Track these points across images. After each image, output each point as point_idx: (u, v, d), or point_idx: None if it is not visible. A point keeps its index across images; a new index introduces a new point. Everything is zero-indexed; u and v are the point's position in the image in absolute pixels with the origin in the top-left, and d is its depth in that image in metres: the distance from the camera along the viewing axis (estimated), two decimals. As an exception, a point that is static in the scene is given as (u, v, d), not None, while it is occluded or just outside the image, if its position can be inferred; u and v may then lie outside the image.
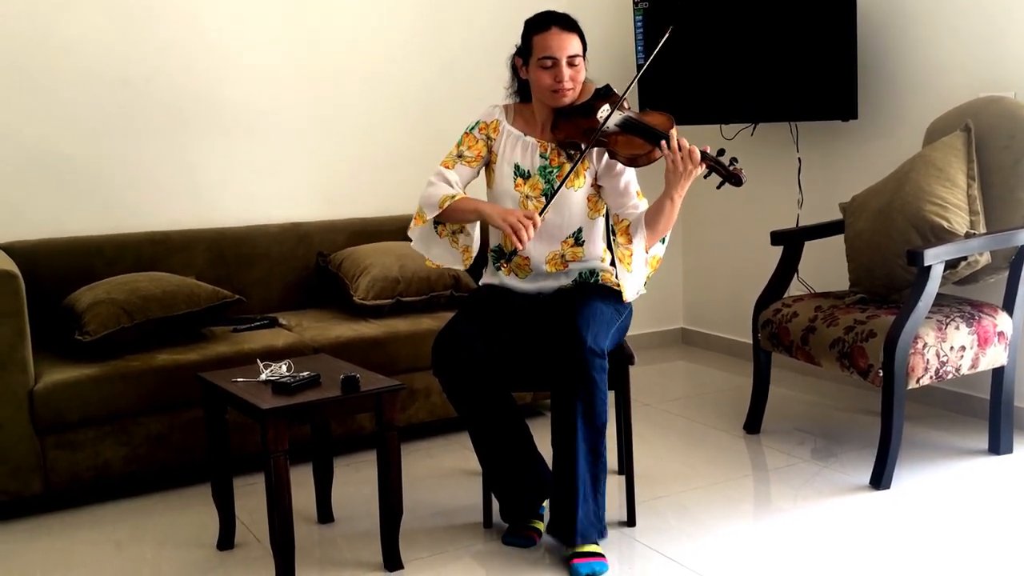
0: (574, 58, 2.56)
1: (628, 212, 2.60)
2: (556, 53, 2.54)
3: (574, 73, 2.57)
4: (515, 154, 2.65)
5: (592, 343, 2.41)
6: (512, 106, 2.73)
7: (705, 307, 4.78)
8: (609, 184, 2.63)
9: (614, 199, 2.63)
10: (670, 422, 3.65)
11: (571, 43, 2.55)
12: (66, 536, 2.74)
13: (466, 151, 2.67)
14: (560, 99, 2.58)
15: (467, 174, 2.67)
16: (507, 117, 2.70)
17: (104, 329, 2.95)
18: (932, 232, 2.97)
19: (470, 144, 2.68)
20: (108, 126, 3.52)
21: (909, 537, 2.60)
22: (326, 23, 3.90)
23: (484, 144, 2.68)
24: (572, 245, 2.66)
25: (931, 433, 3.41)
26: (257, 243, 3.67)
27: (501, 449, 2.60)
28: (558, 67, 2.54)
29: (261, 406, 2.28)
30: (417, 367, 3.31)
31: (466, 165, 2.66)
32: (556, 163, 2.63)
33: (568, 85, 2.56)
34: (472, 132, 2.69)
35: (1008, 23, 3.33)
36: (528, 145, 2.65)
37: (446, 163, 2.66)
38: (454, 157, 2.67)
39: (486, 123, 2.70)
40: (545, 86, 2.57)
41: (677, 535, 2.65)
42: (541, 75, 2.57)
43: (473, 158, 2.67)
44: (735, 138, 4.27)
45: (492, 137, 2.68)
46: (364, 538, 2.67)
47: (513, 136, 2.66)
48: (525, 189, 2.63)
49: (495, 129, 2.68)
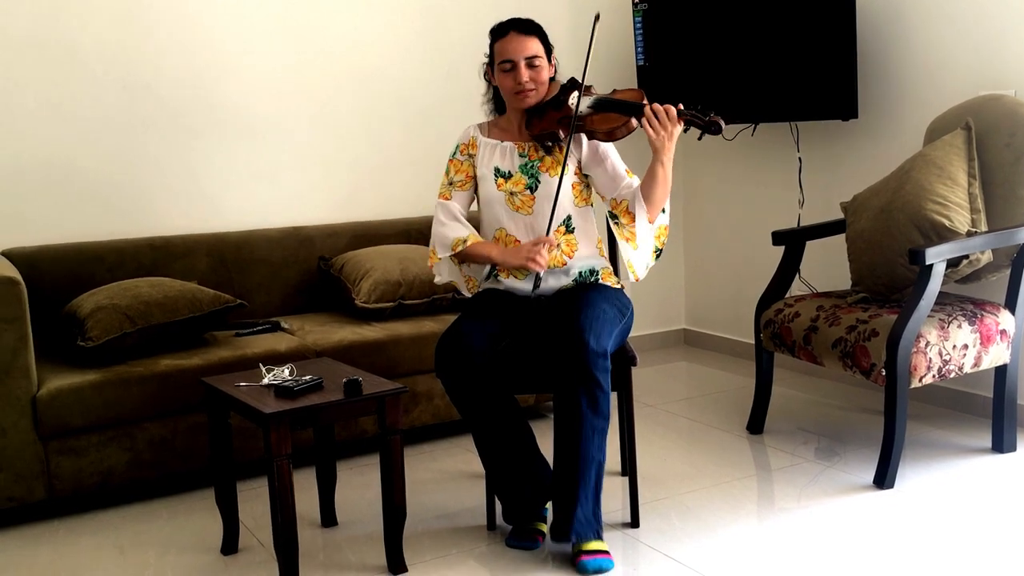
0: (533, 59, 2.64)
1: (623, 193, 2.65)
2: (514, 56, 2.63)
3: (534, 74, 2.65)
4: (494, 159, 2.73)
5: (595, 345, 2.41)
6: (486, 123, 2.82)
7: (707, 308, 4.78)
8: (596, 171, 2.69)
9: (606, 184, 2.68)
10: (673, 423, 3.65)
11: (529, 45, 2.64)
12: (70, 542, 2.75)
13: (455, 176, 2.77)
14: (524, 100, 2.67)
15: (465, 198, 2.78)
16: (483, 132, 2.79)
17: (106, 335, 2.95)
18: (934, 231, 2.97)
19: (456, 168, 2.78)
20: (109, 131, 3.52)
21: (913, 536, 2.60)
22: (327, 28, 3.91)
23: (468, 164, 2.77)
24: (564, 232, 2.69)
25: (934, 432, 3.41)
26: (258, 247, 3.67)
27: (504, 451, 2.60)
28: (517, 69, 2.64)
29: (264, 410, 2.28)
30: (420, 370, 3.31)
31: (460, 190, 2.77)
32: (535, 157, 2.70)
33: (529, 86, 2.65)
34: (455, 157, 2.79)
35: (1008, 21, 3.33)
36: (506, 149, 2.73)
37: (443, 195, 2.77)
38: (447, 187, 2.78)
39: (464, 143, 2.80)
40: (508, 88, 2.68)
41: (681, 536, 2.65)
42: (504, 79, 2.67)
43: (463, 181, 2.77)
44: (735, 138, 4.27)
45: (472, 154, 2.77)
46: (368, 541, 2.67)
47: (490, 145, 2.75)
48: (508, 186, 2.70)
49: (473, 146, 2.78)
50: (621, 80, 4.23)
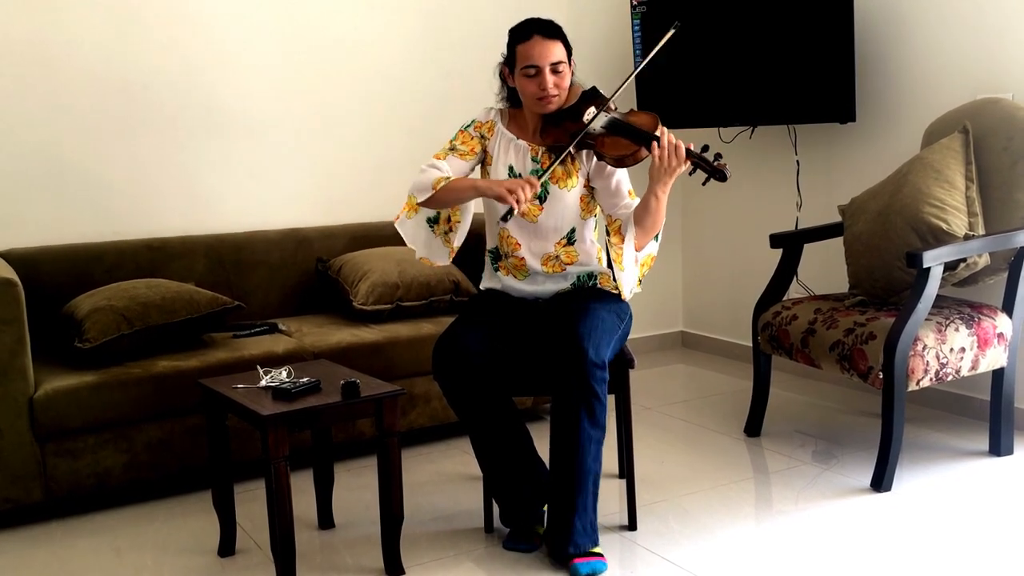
0: (557, 65, 2.57)
1: (620, 212, 2.62)
2: (539, 61, 2.55)
3: (558, 80, 2.58)
4: (509, 156, 2.67)
5: (594, 355, 2.41)
6: (506, 111, 2.75)
7: (705, 310, 4.79)
8: (601, 184, 2.65)
9: (606, 199, 2.65)
10: (670, 425, 3.65)
11: (554, 50, 2.56)
12: (67, 544, 2.74)
13: (459, 145, 2.69)
14: (546, 106, 2.59)
15: (459, 166, 2.66)
16: (502, 120, 2.72)
17: (104, 336, 2.95)
18: (931, 234, 2.98)
19: (464, 140, 2.70)
20: (107, 132, 3.52)
21: (910, 539, 2.60)
22: (326, 29, 3.91)
23: (479, 142, 2.70)
24: (564, 245, 2.67)
25: (931, 435, 3.41)
26: (256, 249, 3.67)
27: (501, 453, 2.60)
28: (541, 75, 2.56)
29: (261, 412, 2.28)
30: (417, 372, 3.31)
31: (459, 158, 2.67)
32: (547, 166, 2.64)
33: (553, 92, 2.57)
34: (467, 129, 2.71)
35: (1005, 25, 3.33)
36: (520, 148, 2.67)
37: (438, 155, 2.68)
38: (447, 150, 2.68)
39: (481, 122, 2.72)
40: (530, 94, 2.59)
41: (678, 539, 2.65)
42: (526, 84, 2.59)
43: (467, 152, 2.68)
44: (733, 141, 4.27)
45: (487, 136, 2.70)
46: (365, 543, 2.67)
47: (507, 138, 2.69)
48: None
49: (490, 129, 2.71)
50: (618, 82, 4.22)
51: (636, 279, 2.63)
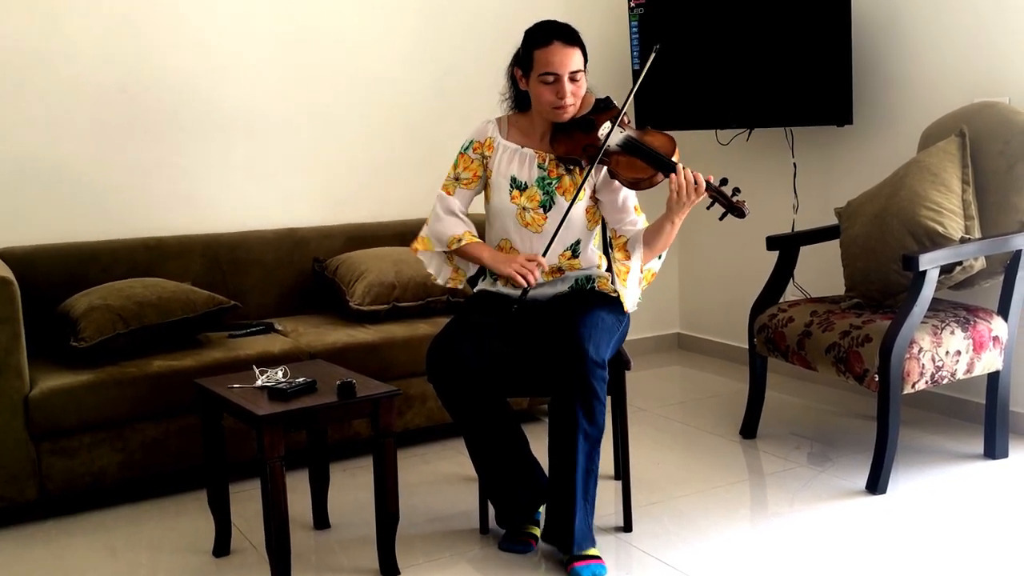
0: (576, 73, 2.51)
1: (626, 228, 2.61)
2: (558, 69, 2.50)
3: (576, 88, 2.53)
4: (511, 167, 2.63)
5: (594, 355, 2.41)
6: (506, 118, 2.71)
7: (701, 312, 4.79)
8: (607, 198, 2.63)
9: (612, 214, 2.63)
10: (666, 427, 3.65)
11: (573, 58, 2.51)
12: (61, 543, 2.74)
13: (462, 173, 2.69)
14: (562, 115, 2.55)
15: (467, 196, 2.70)
16: (501, 131, 2.68)
17: (99, 335, 2.94)
18: (927, 237, 2.98)
19: (465, 165, 2.69)
20: (104, 132, 3.52)
21: (905, 542, 2.60)
22: (323, 29, 3.90)
23: (479, 164, 2.68)
24: (569, 258, 2.65)
25: (927, 438, 3.41)
26: (253, 248, 3.67)
27: (496, 455, 2.60)
28: (560, 83, 2.51)
29: (257, 412, 2.28)
30: (413, 373, 3.31)
31: (464, 188, 2.69)
32: (555, 175, 2.61)
33: (570, 101, 2.52)
34: (467, 152, 2.69)
35: (1002, 28, 3.34)
36: (525, 156, 2.63)
37: (446, 188, 2.69)
38: (452, 181, 2.69)
39: (479, 142, 2.69)
40: (547, 102, 2.54)
41: (674, 540, 2.65)
42: (542, 91, 2.53)
43: (470, 179, 2.68)
44: (730, 143, 4.28)
45: (487, 155, 2.67)
46: (360, 544, 2.66)
47: (509, 150, 2.65)
48: (522, 200, 2.62)
49: (489, 147, 2.67)
50: (616, 84, 4.22)
51: (638, 294, 2.63)
